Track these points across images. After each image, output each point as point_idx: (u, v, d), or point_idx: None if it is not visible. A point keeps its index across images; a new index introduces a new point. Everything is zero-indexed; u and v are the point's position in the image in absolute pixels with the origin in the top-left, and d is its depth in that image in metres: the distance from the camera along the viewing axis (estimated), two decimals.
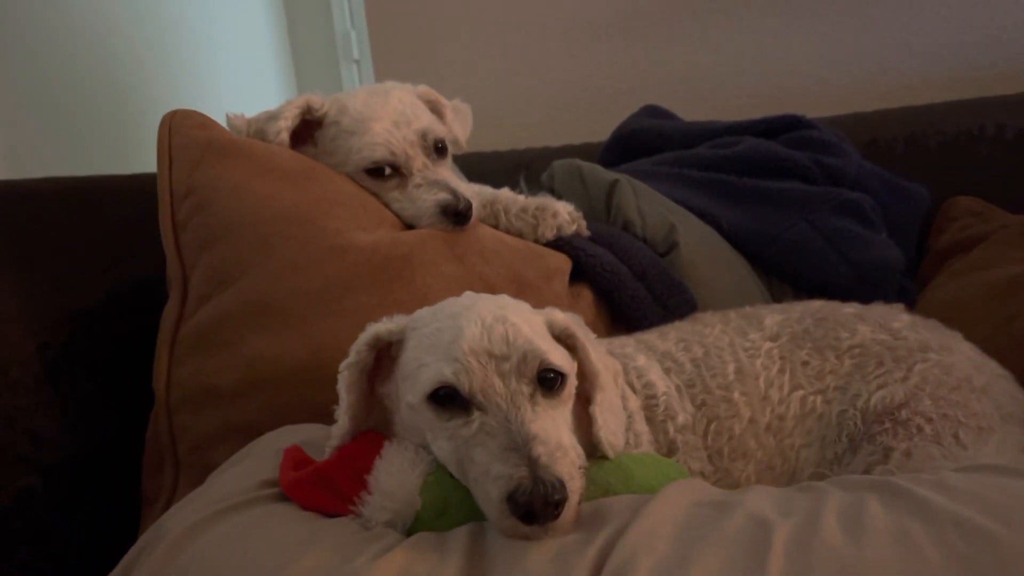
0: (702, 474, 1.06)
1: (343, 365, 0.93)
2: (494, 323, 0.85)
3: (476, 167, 1.74)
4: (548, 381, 0.85)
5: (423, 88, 1.42)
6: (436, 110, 1.41)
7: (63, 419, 1.21)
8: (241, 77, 3.50)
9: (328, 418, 0.98)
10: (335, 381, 0.95)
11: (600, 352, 0.98)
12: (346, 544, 0.80)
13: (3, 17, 1.72)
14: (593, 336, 0.99)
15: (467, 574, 0.74)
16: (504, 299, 0.93)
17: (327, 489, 0.88)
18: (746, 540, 0.72)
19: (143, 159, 1.79)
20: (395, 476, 0.85)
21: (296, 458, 0.95)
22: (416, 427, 0.89)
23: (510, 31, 2.46)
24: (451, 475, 0.85)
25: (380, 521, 0.84)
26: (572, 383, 0.89)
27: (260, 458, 1.01)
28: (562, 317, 0.95)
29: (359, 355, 0.93)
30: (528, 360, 0.84)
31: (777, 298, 1.57)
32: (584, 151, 2.02)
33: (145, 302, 1.31)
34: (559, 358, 0.87)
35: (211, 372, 1.16)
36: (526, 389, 0.83)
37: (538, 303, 1.05)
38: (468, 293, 0.95)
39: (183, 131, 1.23)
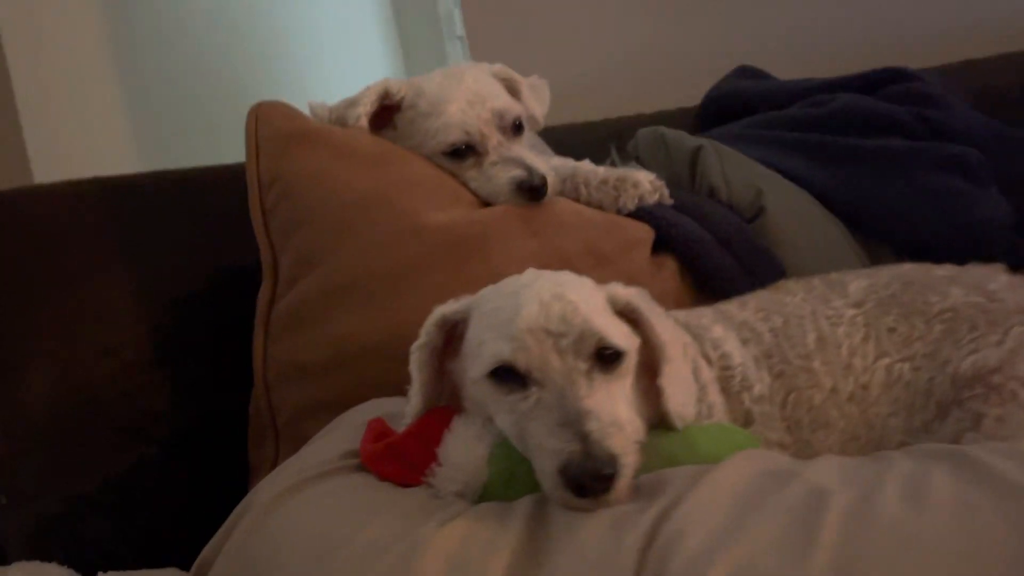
0: (780, 445, 1.04)
1: (414, 346, 0.97)
2: (552, 301, 0.86)
3: (567, 140, 1.72)
4: (606, 358, 0.86)
5: (499, 67, 1.43)
6: (512, 88, 1.42)
7: (174, 396, 1.30)
8: (351, 58, 3.63)
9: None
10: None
11: (666, 325, 0.97)
12: (415, 511, 0.84)
13: (133, 20, 1.83)
14: (660, 310, 0.99)
15: (526, 539, 0.77)
16: (565, 276, 0.94)
17: (401, 461, 0.92)
18: (801, 510, 0.71)
19: None
20: (462, 449, 0.89)
21: (377, 430, 1.00)
22: (481, 401, 0.92)
23: None
24: None
25: (450, 491, 0.87)
26: (632, 358, 0.89)
27: (345, 430, 1.06)
28: (624, 292, 0.95)
29: (428, 336, 0.96)
30: (585, 339, 0.85)
31: (875, 262, 1.50)
32: (678, 117, 1.96)
33: (246, 287, 1.39)
34: (617, 335, 0.87)
35: (301, 350, 1.23)
36: (582, 366, 0.84)
37: (616, 276, 1.05)
38: (530, 270, 0.97)
39: (269, 122, 1.29)
